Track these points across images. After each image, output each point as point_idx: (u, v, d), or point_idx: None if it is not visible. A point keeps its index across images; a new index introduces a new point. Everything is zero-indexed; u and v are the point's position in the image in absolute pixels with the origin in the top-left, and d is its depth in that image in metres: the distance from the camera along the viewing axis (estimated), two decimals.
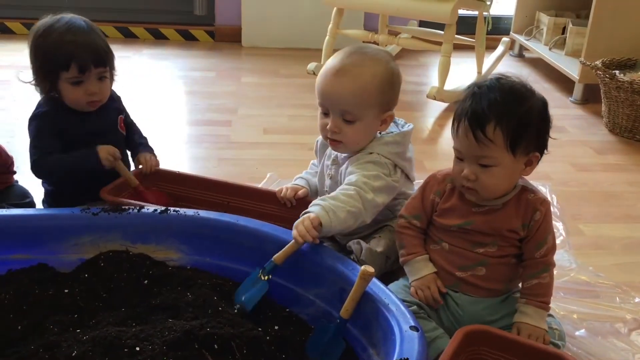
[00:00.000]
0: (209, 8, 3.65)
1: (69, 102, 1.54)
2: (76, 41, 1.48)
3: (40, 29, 1.51)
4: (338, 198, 1.33)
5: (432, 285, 1.29)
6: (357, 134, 1.41)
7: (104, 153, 1.53)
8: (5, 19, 3.54)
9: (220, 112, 2.66)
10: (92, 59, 1.50)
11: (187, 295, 1.26)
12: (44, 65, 1.50)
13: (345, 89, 1.38)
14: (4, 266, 1.31)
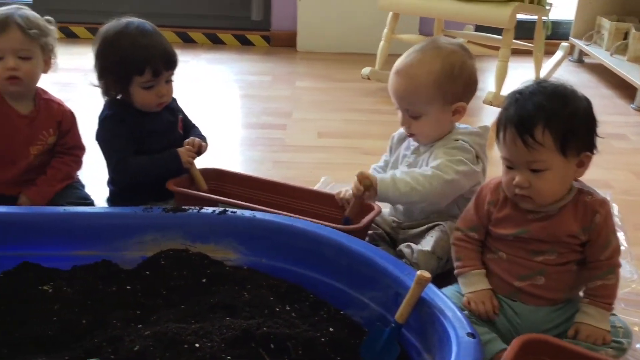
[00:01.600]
0: (265, 13, 3.71)
1: (138, 105, 1.59)
2: (150, 46, 1.53)
3: (111, 34, 1.56)
4: (411, 173, 1.43)
5: (487, 302, 1.27)
6: (425, 127, 1.49)
7: (185, 155, 1.59)
8: (70, 24, 3.68)
9: (275, 116, 2.69)
10: (164, 64, 1.55)
11: (244, 294, 1.29)
12: (116, 69, 1.55)
13: (401, 88, 1.49)
14: (69, 262, 1.37)
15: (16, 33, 1.52)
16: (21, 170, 1.63)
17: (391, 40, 3.00)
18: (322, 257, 1.33)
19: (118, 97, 1.61)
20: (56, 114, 1.65)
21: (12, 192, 1.61)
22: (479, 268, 1.31)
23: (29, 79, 1.58)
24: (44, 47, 1.58)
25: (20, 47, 1.53)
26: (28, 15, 1.56)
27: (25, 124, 1.61)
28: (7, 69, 1.53)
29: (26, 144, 1.62)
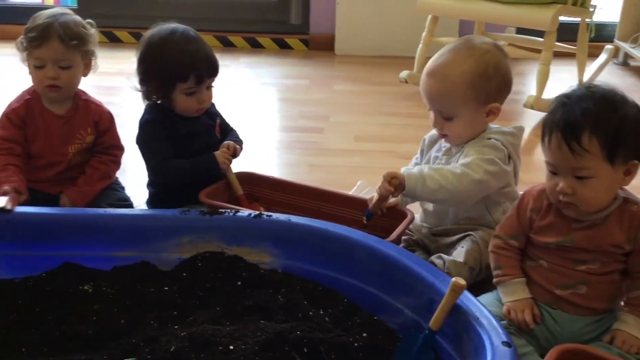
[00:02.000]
0: (304, 17, 3.72)
1: (179, 110, 1.62)
2: (194, 53, 1.56)
3: (156, 40, 1.58)
4: (440, 170, 1.42)
5: (528, 311, 1.24)
6: (458, 128, 1.47)
7: (221, 158, 1.62)
8: (114, 28, 3.76)
9: (312, 119, 2.70)
10: (207, 71, 1.58)
11: (278, 298, 1.30)
12: (160, 76, 1.57)
13: (433, 90, 1.47)
14: (109, 262, 1.40)
15: (57, 44, 1.55)
16: (61, 168, 1.67)
17: (430, 43, 2.98)
18: (356, 262, 1.33)
19: (158, 102, 1.64)
20: (94, 113, 1.69)
21: (53, 191, 1.66)
22: (520, 276, 1.29)
23: (68, 87, 1.63)
24: (84, 54, 1.62)
25: (60, 58, 1.57)
26: (69, 24, 1.58)
27: (62, 124, 1.65)
28: (47, 77, 1.58)
29: (64, 143, 1.66)
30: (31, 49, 1.57)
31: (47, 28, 1.55)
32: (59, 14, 1.60)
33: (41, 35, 1.55)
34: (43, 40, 1.55)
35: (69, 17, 1.61)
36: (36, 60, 1.58)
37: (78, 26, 1.61)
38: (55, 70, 1.58)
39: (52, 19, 1.57)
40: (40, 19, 1.58)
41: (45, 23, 1.56)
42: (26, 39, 1.58)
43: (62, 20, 1.58)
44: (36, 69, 1.59)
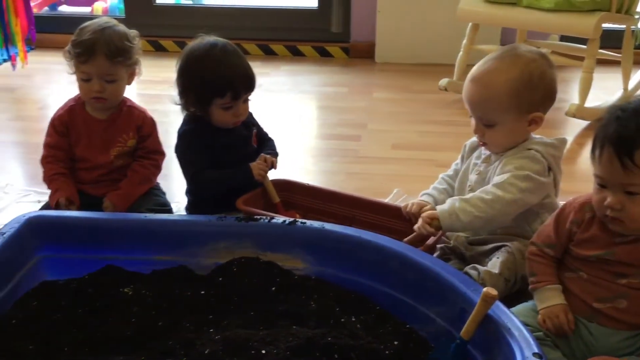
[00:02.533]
0: (345, 25, 3.75)
1: (216, 123, 1.65)
2: (233, 71, 1.58)
3: (196, 55, 1.61)
4: (470, 201, 1.41)
5: (562, 315, 1.23)
6: (499, 136, 1.47)
7: (256, 169, 1.65)
8: (159, 37, 3.86)
9: (350, 127, 2.72)
10: (244, 87, 1.60)
11: (311, 304, 1.32)
12: (199, 90, 1.60)
13: (475, 96, 1.47)
14: (149, 266, 1.44)
15: (102, 61, 1.60)
16: (103, 171, 1.73)
17: (470, 51, 2.96)
18: (389, 270, 1.34)
19: (197, 113, 1.67)
20: (137, 118, 1.73)
21: (97, 193, 1.71)
22: (555, 283, 1.27)
23: (113, 98, 1.68)
24: (128, 66, 1.67)
25: (106, 73, 1.62)
26: (114, 40, 1.62)
27: (103, 128, 1.71)
28: (93, 90, 1.63)
29: (105, 146, 1.71)
30: (78, 63, 1.63)
31: (93, 45, 1.60)
32: (104, 27, 1.64)
33: (87, 51, 1.60)
34: (89, 56, 1.60)
35: (115, 31, 1.65)
36: (82, 73, 1.63)
37: (123, 40, 1.64)
38: (101, 83, 1.63)
39: (97, 35, 1.61)
40: (87, 33, 1.62)
41: (91, 40, 1.60)
42: (73, 52, 1.63)
43: (107, 35, 1.62)
44: (82, 81, 1.65)
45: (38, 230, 1.43)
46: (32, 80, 3.31)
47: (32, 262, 1.41)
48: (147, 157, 1.76)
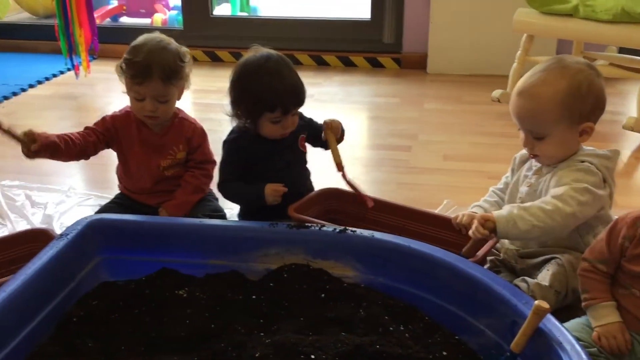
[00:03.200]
0: (397, 36, 3.76)
1: (264, 134, 1.68)
2: (283, 87, 1.60)
3: (249, 68, 1.63)
4: (529, 210, 1.40)
5: (619, 335, 1.21)
6: (549, 148, 1.47)
7: (270, 191, 1.64)
8: (216, 48, 3.95)
9: (401, 138, 2.72)
10: (294, 103, 1.63)
11: (360, 312, 1.33)
12: (250, 104, 1.63)
13: (523, 109, 1.46)
14: (203, 270, 1.48)
15: (157, 83, 1.63)
16: (153, 181, 1.77)
17: (525, 62, 2.92)
18: (438, 280, 1.34)
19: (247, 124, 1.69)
20: (187, 130, 1.76)
21: (152, 202, 1.76)
22: (609, 300, 1.26)
23: (165, 116, 1.72)
24: (180, 85, 1.70)
25: (159, 94, 1.65)
26: (169, 62, 1.63)
27: (154, 140, 1.75)
28: (146, 109, 1.67)
29: (156, 157, 1.75)
30: (132, 83, 1.65)
31: (148, 67, 1.61)
32: (159, 48, 1.64)
33: (142, 74, 1.61)
34: (144, 79, 1.62)
35: (168, 51, 1.65)
36: (136, 93, 1.66)
37: (176, 60, 1.66)
38: (154, 104, 1.66)
39: (152, 57, 1.61)
40: (141, 54, 1.62)
41: (146, 62, 1.61)
42: (127, 72, 1.65)
43: (161, 58, 1.62)
44: (136, 100, 1.67)
45: (99, 233, 1.48)
46: (94, 89, 3.44)
47: (92, 263, 1.47)
48: (198, 167, 1.79)
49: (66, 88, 3.49)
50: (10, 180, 2.23)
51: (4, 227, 1.93)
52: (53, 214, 2.01)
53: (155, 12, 4.66)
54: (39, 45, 4.15)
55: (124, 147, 1.77)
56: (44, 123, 2.98)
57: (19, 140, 1.57)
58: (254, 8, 4.82)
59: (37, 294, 1.28)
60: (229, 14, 4.57)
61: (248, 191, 1.69)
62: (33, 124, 2.94)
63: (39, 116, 3.09)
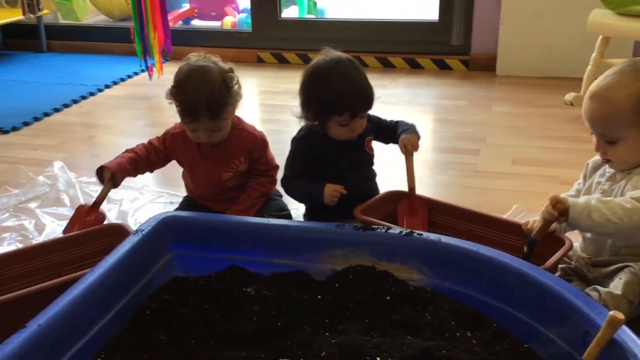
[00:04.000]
0: (465, 38, 3.71)
1: (332, 136, 1.70)
2: (352, 90, 1.61)
3: (319, 71, 1.65)
4: (608, 203, 1.37)
5: None
6: (623, 153, 1.44)
7: (329, 191, 1.65)
8: (283, 50, 4.01)
9: (468, 141, 2.68)
10: (363, 107, 1.64)
11: (425, 316, 1.32)
12: (319, 106, 1.65)
13: (595, 113, 1.43)
14: (270, 268, 1.51)
15: (206, 121, 1.64)
16: (217, 191, 1.81)
17: (600, 65, 2.82)
18: (507, 287, 1.32)
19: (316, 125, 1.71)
20: (247, 143, 1.77)
21: (218, 208, 1.80)
22: None
23: (221, 138, 1.73)
24: (231, 111, 1.70)
25: (210, 128, 1.67)
26: (215, 97, 1.60)
27: (216, 153, 1.76)
28: (200, 139, 1.70)
29: (218, 170, 1.78)
30: (182, 120, 1.67)
31: (195, 108, 1.61)
32: (202, 84, 1.60)
33: (190, 114, 1.63)
34: (193, 119, 1.63)
35: (213, 85, 1.61)
36: (188, 125, 1.68)
37: (222, 91, 1.63)
38: (207, 134, 1.68)
39: (197, 97, 1.60)
40: (186, 93, 1.62)
41: (193, 103, 1.60)
42: (176, 108, 1.67)
43: (207, 95, 1.60)
44: (189, 129, 1.69)
45: (172, 230, 1.53)
46: (166, 90, 3.55)
47: (165, 258, 1.52)
48: (263, 175, 1.82)
49: (140, 89, 3.62)
50: (87, 177, 2.33)
51: None
52: (127, 210, 2.09)
53: (225, 15, 4.77)
54: (114, 47, 4.32)
55: (185, 163, 1.82)
56: (119, 123, 3.11)
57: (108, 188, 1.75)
58: (322, 10, 4.85)
59: (114, 287, 1.33)
60: (296, 16, 4.63)
61: (309, 189, 1.71)
62: (108, 123, 3.09)
63: (114, 116, 3.21)
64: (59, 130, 2.97)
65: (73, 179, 2.30)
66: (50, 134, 2.92)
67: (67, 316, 1.19)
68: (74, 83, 3.70)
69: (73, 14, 4.27)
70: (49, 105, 3.28)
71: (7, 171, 2.45)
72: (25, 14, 4.11)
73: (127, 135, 2.91)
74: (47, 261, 1.58)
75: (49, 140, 2.83)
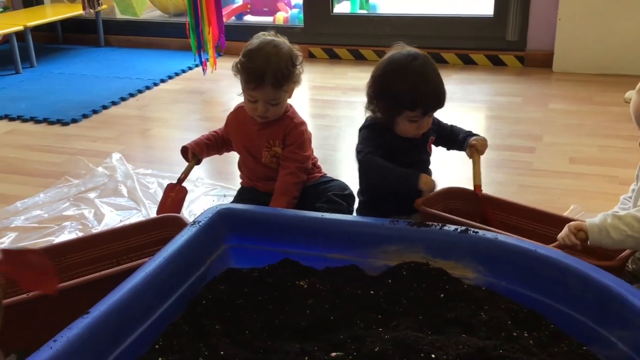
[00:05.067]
0: (521, 33, 3.63)
1: (398, 132, 1.69)
2: (428, 88, 1.61)
3: (396, 65, 1.64)
4: (624, 219, 1.35)
5: None
6: None
7: (426, 179, 1.64)
8: (334, 46, 4.01)
9: (523, 139, 2.63)
10: (435, 105, 1.64)
11: (481, 315, 1.30)
12: (391, 100, 1.64)
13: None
14: (323, 263, 1.51)
15: (269, 89, 1.69)
16: (259, 166, 1.85)
17: None
18: (566, 287, 1.28)
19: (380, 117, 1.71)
20: (285, 128, 1.80)
21: (265, 189, 1.83)
22: None
23: (275, 116, 1.78)
24: (291, 88, 1.76)
25: (271, 98, 1.72)
26: (282, 69, 1.68)
27: (256, 130, 1.81)
28: (258, 111, 1.74)
29: (258, 146, 1.82)
30: (245, 87, 1.72)
31: (262, 74, 1.67)
32: (272, 53, 1.69)
33: (256, 80, 1.68)
34: (257, 85, 1.68)
35: (282, 57, 1.69)
36: (249, 95, 1.73)
37: (288, 65, 1.70)
38: (266, 106, 1.73)
39: (267, 64, 1.67)
40: (256, 60, 1.68)
41: (261, 69, 1.67)
42: (242, 74, 1.72)
43: (275, 64, 1.67)
44: (249, 101, 1.75)
45: (227, 222, 1.55)
46: (219, 85, 3.60)
47: (220, 249, 1.54)
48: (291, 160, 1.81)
49: (194, 83, 3.68)
50: (144, 169, 2.39)
51: (139, 212, 2.08)
52: None
53: (277, 10, 4.80)
54: (169, 42, 4.40)
55: (234, 140, 1.87)
56: (173, 116, 3.17)
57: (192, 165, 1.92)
58: (374, 6, 4.84)
59: (171, 276, 1.36)
60: (348, 11, 4.62)
61: (399, 170, 1.66)
62: (163, 116, 3.15)
63: (168, 109, 3.28)
64: (117, 123, 3.05)
65: (130, 171, 2.36)
66: (108, 126, 3.00)
67: (128, 303, 1.22)
68: (130, 77, 3.79)
69: (131, 9, 4.37)
70: (107, 99, 3.37)
71: (68, 162, 2.53)
72: (85, 9, 4.24)
73: (181, 129, 2.97)
74: (107, 250, 1.63)
75: (107, 133, 2.91)
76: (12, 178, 2.38)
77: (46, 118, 3.08)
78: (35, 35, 4.31)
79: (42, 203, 2.12)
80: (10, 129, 2.99)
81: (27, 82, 3.78)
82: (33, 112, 3.17)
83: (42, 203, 2.12)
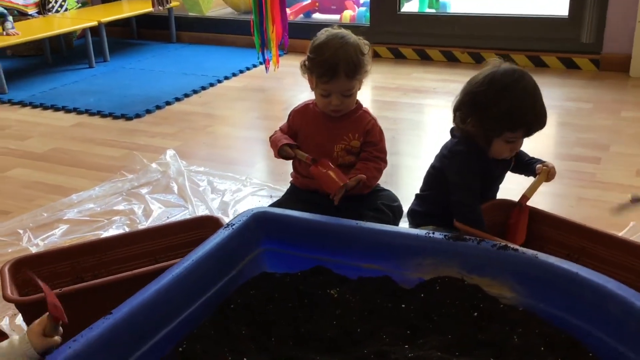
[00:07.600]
0: (597, 35, 3.45)
1: (490, 153, 1.63)
2: (535, 110, 1.56)
3: (503, 84, 1.56)
4: None
5: None
6: None
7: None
8: (400, 45, 3.94)
9: (589, 148, 2.49)
10: (538, 127, 1.59)
11: (514, 338, 1.24)
12: (494, 119, 1.57)
13: None
14: (356, 272, 1.48)
15: (343, 80, 1.68)
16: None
17: None
18: (609, 315, 1.20)
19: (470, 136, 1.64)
20: (366, 123, 1.78)
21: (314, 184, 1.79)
22: None
23: (348, 108, 1.77)
24: (362, 78, 1.74)
25: (345, 89, 1.71)
26: (353, 59, 1.68)
27: (333, 123, 1.78)
28: (332, 104, 1.73)
29: (331, 141, 1.78)
30: (318, 81, 1.72)
31: (334, 66, 1.67)
32: (343, 44, 1.69)
33: (329, 72, 1.67)
34: (331, 77, 1.68)
35: (350, 46, 1.70)
36: (323, 90, 1.72)
37: (359, 56, 1.70)
38: (339, 98, 1.72)
39: (338, 54, 1.67)
40: (327, 52, 1.68)
41: (333, 60, 1.67)
42: (314, 70, 1.71)
43: (347, 54, 1.67)
44: (322, 96, 1.74)
45: (262, 225, 1.55)
46: (281, 83, 3.62)
47: (254, 253, 1.53)
48: (371, 160, 1.79)
49: (257, 81, 3.72)
50: (197, 166, 2.42)
51: (186, 209, 2.11)
52: (229, 201, 2.15)
53: (345, 8, 4.78)
54: (237, 40, 4.47)
55: (303, 133, 1.83)
56: (233, 114, 3.21)
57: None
58: (444, 4, 4.73)
59: (201, 279, 1.36)
60: (416, 10, 4.53)
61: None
62: (224, 114, 3.19)
63: (230, 107, 3.32)
64: (178, 119, 3.11)
65: (182, 167, 2.40)
66: (170, 122, 3.07)
67: (153, 304, 1.23)
68: (196, 73, 3.87)
69: (198, 6, 4.46)
70: (171, 95, 3.45)
71: (125, 157, 2.60)
72: (154, 6, 4.35)
73: (240, 127, 3.00)
74: (146, 247, 1.66)
75: (168, 128, 2.97)
76: (72, 171, 2.47)
77: (111, 112, 3.19)
78: (112, 31, 4.47)
79: (95, 197, 2.20)
80: (77, 122, 3.12)
81: (99, 76, 3.92)
82: (100, 106, 3.28)
83: (95, 197, 2.20)
